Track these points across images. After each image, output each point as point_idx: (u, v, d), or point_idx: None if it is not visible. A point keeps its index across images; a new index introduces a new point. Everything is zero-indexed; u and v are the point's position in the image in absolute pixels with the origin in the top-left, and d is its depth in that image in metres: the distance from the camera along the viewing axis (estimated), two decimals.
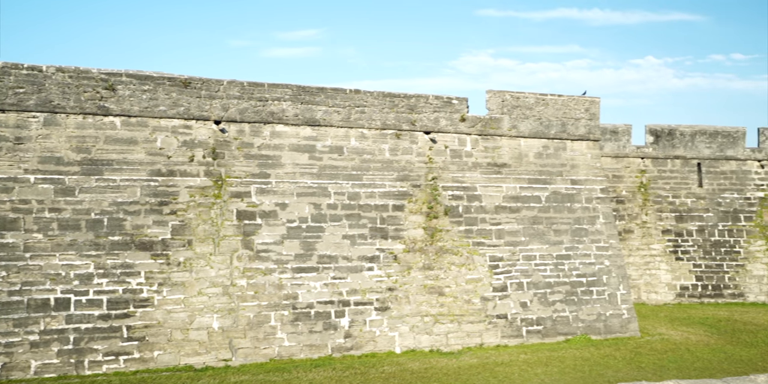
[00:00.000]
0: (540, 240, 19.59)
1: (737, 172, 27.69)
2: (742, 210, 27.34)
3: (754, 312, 24.14)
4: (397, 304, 17.55)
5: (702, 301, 26.28)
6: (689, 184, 27.44)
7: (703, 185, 27.46)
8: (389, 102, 18.65)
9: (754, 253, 26.91)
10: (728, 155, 27.66)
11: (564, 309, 19.20)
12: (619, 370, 15.45)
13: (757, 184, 27.65)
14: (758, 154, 27.85)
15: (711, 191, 27.43)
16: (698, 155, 27.60)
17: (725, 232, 27.07)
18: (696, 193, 27.38)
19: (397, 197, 18.39)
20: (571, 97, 20.79)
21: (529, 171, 20.04)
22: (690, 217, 27.12)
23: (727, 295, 26.46)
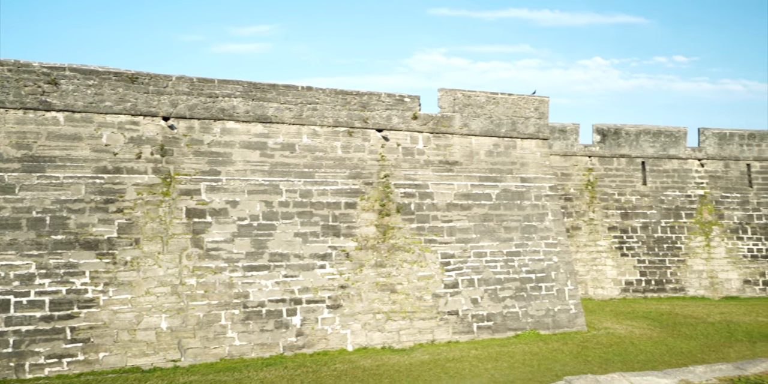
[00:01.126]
0: (490, 237, 19.86)
1: (679, 170, 28.62)
2: (684, 207, 28.27)
3: (694, 306, 25.00)
4: (350, 302, 17.54)
5: (646, 295, 27.08)
6: (634, 182, 28.23)
7: (647, 183, 28.29)
8: (342, 99, 18.61)
9: (695, 249, 27.88)
10: (671, 154, 28.57)
11: (514, 305, 19.51)
12: (567, 364, 15.79)
13: (697, 182, 28.63)
14: (698, 153, 28.84)
15: (654, 189, 28.28)
16: (642, 154, 28.41)
17: (668, 228, 27.95)
18: (640, 190, 28.18)
19: (350, 195, 18.37)
20: (521, 96, 21.13)
21: (480, 169, 20.28)
22: (635, 214, 27.91)
23: (669, 289, 27.34)
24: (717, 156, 28.90)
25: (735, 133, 29.21)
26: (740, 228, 28.45)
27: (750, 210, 28.71)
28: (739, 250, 28.18)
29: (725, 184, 28.82)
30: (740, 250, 28.18)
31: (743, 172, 29.09)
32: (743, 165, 29.14)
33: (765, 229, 28.57)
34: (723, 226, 28.35)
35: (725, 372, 11.08)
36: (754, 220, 28.62)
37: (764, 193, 28.99)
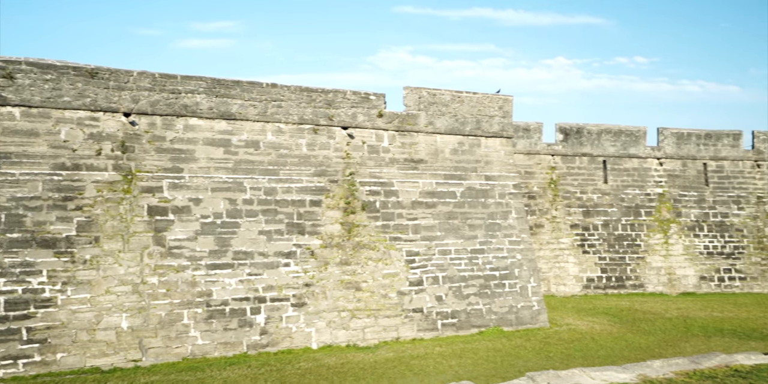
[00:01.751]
0: (455, 235, 19.99)
1: (639, 169, 29.20)
2: (643, 205, 28.87)
3: (653, 302, 25.57)
4: (314, 300, 17.48)
5: (606, 292, 27.59)
6: (595, 180, 28.72)
7: (608, 181, 28.81)
8: (307, 96, 18.51)
9: (653, 246, 28.49)
10: (631, 153, 29.14)
11: (478, 302, 19.68)
12: (529, 360, 16.00)
13: (656, 180, 29.25)
14: (657, 152, 29.47)
15: (615, 187, 28.81)
16: (604, 153, 28.91)
17: (628, 226, 28.50)
18: (601, 189, 28.68)
19: (315, 192, 18.30)
20: (486, 95, 21.30)
21: (444, 167, 20.39)
22: (596, 212, 28.39)
23: (628, 285, 27.89)
24: (675, 155, 29.58)
25: (692, 133, 29.92)
26: (697, 226, 29.18)
27: (706, 208, 29.47)
28: (695, 247, 28.90)
29: (683, 183, 29.51)
30: (697, 248, 28.91)
31: (700, 171, 29.82)
32: (700, 164, 29.88)
33: (720, 226, 29.35)
34: (681, 224, 29.03)
35: (681, 366, 11.37)
36: (710, 217, 29.38)
37: (720, 192, 29.77)
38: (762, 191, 30.22)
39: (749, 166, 30.32)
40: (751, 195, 30.05)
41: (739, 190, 29.98)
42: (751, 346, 17.16)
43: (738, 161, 30.23)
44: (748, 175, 30.24)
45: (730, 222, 29.52)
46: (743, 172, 30.22)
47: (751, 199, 30.02)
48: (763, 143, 30.59)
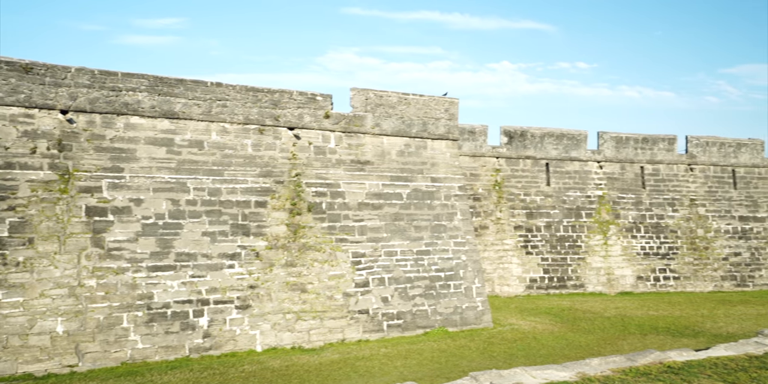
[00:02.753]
0: (401, 236, 20.09)
1: (580, 172, 29.98)
2: (584, 207, 29.64)
3: (593, 301, 26.27)
4: (259, 302, 17.28)
5: (548, 292, 28.20)
6: (539, 182, 29.33)
7: (550, 184, 29.46)
8: (252, 96, 18.30)
9: (594, 247, 29.29)
10: (572, 156, 29.88)
11: (423, 303, 19.83)
12: (473, 359, 16.20)
13: (596, 183, 30.09)
14: (598, 155, 30.31)
15: (557, 189, 29.49)
16: (546, 156, 29.56)
17: (569, 227, 29.21)
18: (544, 191, 29.31)
19: (260, 193, 18.10)
20: (432, 97, 21.49)
21: (391, 168, 20.47)
22: (539, 213, 28.99)
23: (570, 286, 28.58)
24: (614, 158, 30.48)
25: (630, 137, 30.90)
26: (634, 227, 30.14)
27: (643, 210, 30.47)
28: (633, 248, 29.84)
29: (621, 186, 30.44)
30: (634, 248, 29.86)
31: (637, 174, 30.82)
32: (637, 167, 30.88)
33: (656, 228, 30.40)
34: (619, 225, 29.93)
35: (618, 363, 11.72)
36: (647, 219, 30.40)
37: (656, 194, 30.84)
38: (695, 194, 31.44)
39: (683, 169, 31.52)
40: (684, 197, 31.23)
41: (673, 193, 31.12)
42: (684, 343, 17.81)
43: (673, 165, 31.37)
44: (682, 178, 31.43)
45: (665, 223, 30.60)
46: (677, 175, 31.38)
47: (684, 201, 31.20)
48: (695, 148, 31.84)
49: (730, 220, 31.67)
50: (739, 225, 31.75)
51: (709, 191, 31.71)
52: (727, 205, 31.83)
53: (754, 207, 32.23)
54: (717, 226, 31.37)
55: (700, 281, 30.33)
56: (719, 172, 32.09)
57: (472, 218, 24.29)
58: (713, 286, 30.46)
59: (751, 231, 31.82)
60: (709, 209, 31.48)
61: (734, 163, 32.33)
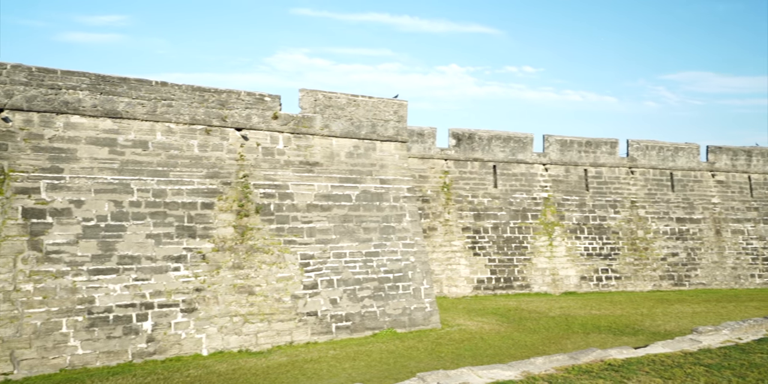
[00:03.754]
0: (350, 238, 20.07)
1: (526, 174, 30.55)
2: (530, 209, 30.21)
3: (538, 301, 26.79)
4: (205, 305, 17.00)
5: (495, 292, 28.62)
6: (486, 184, 29.75)
7: (497, 186, 29.92)
8: (199, 96, 18.01)
9: (539, 248, 29.88)
10: (519, 159, 30.43)
11: (372, 304, 19.85)
12: (421, 360, 16.30)
13: (542, 185, 30.71)
14: (543, 158, 30.95)
15: (504, 191, 29.97)
16: (494, 158, 30.02)
17: (516, 229, 29.72)
18: (492, 193, 29.75)
19: (207, 195, 17.81)
20: (381, 99, 21.56)
21: (340, 170, 20.45)
22: (486, 215, 29.40)
23: (516, 286, 29.07)
24: (559, 161, 31.17)
25: (574, 140, 31.66)
26: (578, 228, 30.88)
27: (586, 212, 31.25)
28: (576, 249, 30.57)
29: (566, 188, 31.15)
30: (578, 249, 30.60)
31: (581, 177, 31.60)
32: (581, 170, 31.67)
33: (598, 229, 31.22)
34: (564, 227, 30.62)
35: (561, 362, 11.99)
36: (590, 221, 31.20)
37: (598, 197, 31.68)
38: (635, 196, 32.44)
39: (624, 172, 32.47)
40: (625, 199, 32.19)
41: (615, 195, 32.03)
42: (624, 341, 18.34)
43: (614, 168, 32.30)
44: (623, 180, 32.38)
45: (607, 225, 31.46)
46: (619, 178, 32.32)
47: (625, 203, 32.15)
48: (636, 151, 32.86)
49: (668, 221, 32.78)
50: (677, 226, 32.90)
51: (649, 193, 32.76)
52: (666, 207, 32.96)
53: (690, 209, 33.45)
54: (656, 227, 32.43)
55: (640, 281, 31.29)
56: (658, 175, 33.19)
57: (420, 220, 24.47)
58: (652, 285, 31.47)
59: (687, 232, 33.02)
60: (649, 211, 32.52)
61: (672, 167, 33.49)
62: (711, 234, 33.50)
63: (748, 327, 15.66)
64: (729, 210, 34.26)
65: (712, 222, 33.73)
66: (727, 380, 11.04)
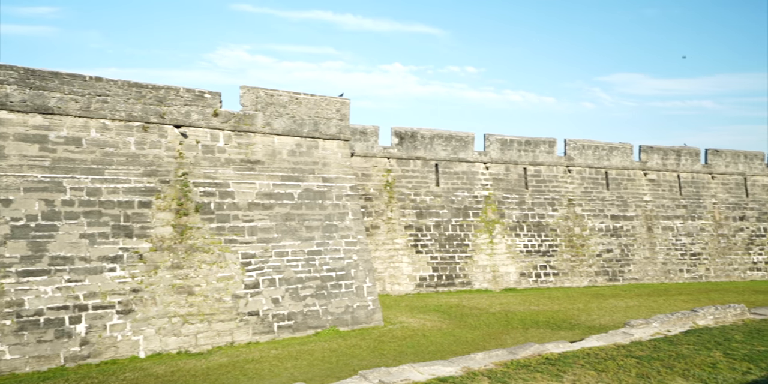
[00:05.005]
0: (292, 236, 19.94)
1: (467, 172, 30.98)
2: (471, 207, 30.66)
3: (479, 298, 27.23)
4: (143, 306, 16.58)
5: (437, 290, 28.93)
6: (428, 183, 30.03)
7: (439, 184, 30.24)
8: (136, 92, 17.54)
9: (480, 246, 30.36)
10: (460, 157, 30.83)
11: (314, 303, 19.78)
12: (364, 358, 16.35)
13: (483, 183, 31.21)
14: (484, 157, 31.45)
15: (446, 190, 30.32)
16: (436, 157, 30.33)
17: (457, 227, 30.11)
18: (434, 191, 30.05)
19: (144, 193, 17.37)
20: (324, 97, 21.49)
21: (282, 168, 20.28)
22: (429, 213, 29.68)
23: (458, 283, 29.47)
24: (499, 160, 31.74)
25: (514, 139, 32.30)
26: (518, 226, 31.54)
27: (526, 209, 31.94)
28: (516, 246, 31.22)
29: (506, 186, 31.75)
30: (517, 246, 31.24)
31: (521, 175, 32.27)
32: (521, 168, 32.33)
33: (537, 226, 31.96)
34: (504, 224, 31.20)
35: (500, 357, 12.24)
36: (529, 218, 31.90)
37: (537, 195, 32.42)
38: (572, 194, 33.35)
39: (562, 171, 33.34)
40: (563, 197, 33.05)
41: (553, 193, 32.85)
42: (561, 335, 18.84)
43: (553, 166, 33.11)
44: (561, 179, 33.25)
45: (545, 222, 32.24)
46: (557, 176, 33.16)
47: (563, 201, 33.01)
48: (573, 150, 33.78)
49: (603, 218, 33.84)
50: (611, 223, 34.00)
51: (585, 192, 33.73)
52: (601, 204, 34.01)
53: (624, 206, 34.61)
54: (592, 224, 33.42)
55: (576, 277, 32.19)
56: (594, 174, 34.21)
57: (363, 218, 24.51)
58: (588, 281, 32.42)
59: (621, 229, 34.16)
60: (585, 208, 33.49)
61: (607, 166, 34.57)
62: (643, 231, 34.76)
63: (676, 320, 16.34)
64: (660, 207, 35.63)
65: (644, 219, 35.00)
66: (656, 371, 11.50)
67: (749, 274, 37.23)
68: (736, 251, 37.25)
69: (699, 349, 13.39)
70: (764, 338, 14.63)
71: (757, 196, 38.82)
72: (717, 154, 38.11)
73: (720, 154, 38.17)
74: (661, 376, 11.16)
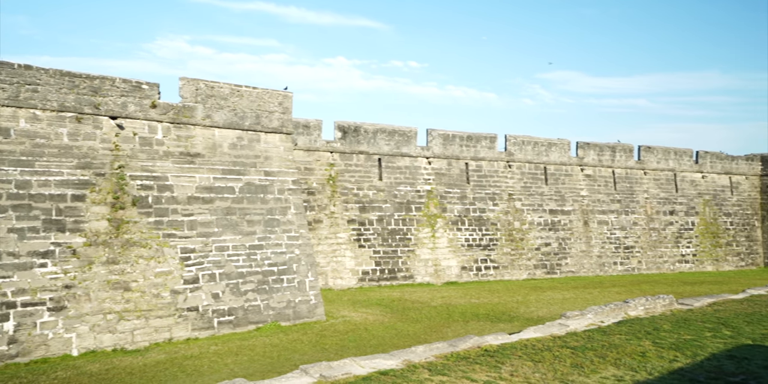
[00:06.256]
0: (233, 231, 19.66)
1: (410, 167, 31.18)
2: (414, 201, 30.89)
3: (421, 291, 27.49)
4: (76, 303, 16.06)
5: (380, 284, 29.07)
6: (371, 177, 30.08)
7: (382, 179, 30.34)
8: (69, 82, 16.92)
9: (422, 240, 30.64)
10: (403, 152, 31.00)
11: (256, 298, 19.57)
12: (305, 353, 16.28)
13: (425, 178, 31.48)
14: (426, 151, 31.72)
15: (389, 184, 30.45)
16: (379, 151, 30.40)
17: (400, 221, 30.30)
18: (377, 185, 30.13)
19: (78, 186, 16.80)
20: (266, 90, 21.22)
21: (223, 162, 19.95)
22: (371, 207, 29.75)
23: (400, 277, 29.68)
24: (442, 155, 32.07)
25: (456, 134, 32.68)
26: (459, 220, 31.96)
27: (467, 204, 32.40)
28: (458, 240, 31.64)
29: (448, 181, 32.11)
30: (459, 240, 31.68)
31: (462, 170, 32.69)
32: (462, 163, 32.75)
33: (478, 221, 32.47)
34: (446, 219, 31.57)
35: (441, 350, 12.39)
36: (470, 213, 32.38)
37: (478, 189, 32.92)
38: (512, 189, 34.01)
39: (502, 166, 33.94)
40: (503, 192, 33.67)
41: (494, 188, 33.42)
42: (500, 327, 19.22)
43: (494, 161, 33.67)
44: (502, 174, 33.85)
45: (486, 217, 32.78)
46: (498, 171, 33.74)
47: (503, 195, 33.63)
48: (513, 146, 34.42)
49: (541, 213, 34.65)
50: (549, 218, 34.85)
51: (525, 186, 34.45)
52: (540, 199, 34.80)
53: (561, 201, 35.52)
54: (531, 218, 34.18)
55: (516, 270, 32.88)
56: (533, 169, 34.96)
57: (306, 212, 24.38)
58: (527, 274, 33.18)
59: (559, 223, 35.06)
60: (525, 203, 34.21)
61: (546, 161, 35.39)
62: (580, 225, 35.77)
63: (610, 311, 16.90)
64: (596, 202, 36.72)
65: (581, 213, 36.03)
66: (589, 360, 11.87)
67: (678, 266, 38.83)
68: (666, 244, 38.78)
69: (630, 338, 13.87)
70: (690, 327, 15.29)
71: (686, 191, 40.48)
72: (649, 150, 39.51)
73: (652, 151, 39.59)
74: (594, 366, 11.52)
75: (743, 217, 42.49)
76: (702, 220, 40.55)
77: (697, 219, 40.37)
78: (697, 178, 41.14)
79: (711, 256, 40.32)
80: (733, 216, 42.08)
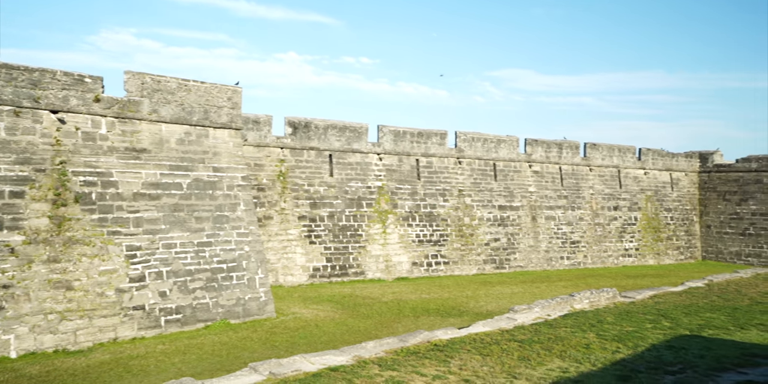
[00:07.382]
0: (181, 228, 19.30)
1: (361, 163, 31.18)
2: (365, 197, 30.91)
3: (372, 287, 27.56)
4: (14, 303, 15.52)
5: (331, 280, 29.01)
6: (322, 173, 29.96)
7: (333, 175, 30.25)
8: (6, 74, 16.30)
9: (373, 236, 30.70)
10: (354, 148, 30.98)
11: (204, 296, 19.28)
12: (255, 350, 16.15)
13: (376, 174, 31.53)
14: (377, 148, 31.76)
15: (340, 180, 30.39)
16: (330, 147, 30.30)
17: (351, 217, 30.28)
18: (328, 182, 30.03)
19: (16, 183, 16.22)
20: (214, 84, 20.88)
21: (170, 157, 19.55)
22: (322, 204, 29.64)
23: (351, 273, 29.67)
24: (393, 151, 32.17)
25: (407, 131, 32.82)
26: (410, 216, 32.14)
27: (418, 200, 32.61)
28: (408, 236, 31.82)
29: (399, 177, 32.24)
30: (410, 236, 31.86)
31: (413, 166, 32.87)
32: (413, 160, 32.93)
33: (429, 217, 32.72)
34: (397, 215, 31.70)
35: (391, 345, 12.46)
36: (421, 209, 32.60)
37: (429, 186, 33.16)
38: (462, 185, 34.38)
39: (452, 162, 34.27)
40: (454, 188, 34.00)
41: (444, 184, 33.72)
42: (450, 322, 19.44)
43: (444, 158, 33.96)
44: (452, 170, 34.18)
45: (437, 213, 33.06)
46: (448, 167, 34.05)
47: (454, 192, 33.97)
48: (463, 142, 34.78)
49: (491, 209, 35.14)
50: (499, 213, 35.38)
51: (474, 183, 34.87)
52: (489, 195, 35.29)
53: (510, 197, 36.10)
54: (480, 214, 34.63)
55: (466, 265, 33.28)
56: (483, 166, 35.41)
57: (255, 209, 24.11)
58: (477, 269, 33.62)
59: (508, 219, 35.63)
60: (474, 199, 34.63)
61: (495, 158, 35.88)
62: (528, 220, 36.43)
63: (556, 304, 17.28)
64: (543, 198, 37.45)
65: (529, 209, 36.69)
66: (536, 353, 12.13)
67: (621, 260, 39.96)
68: (611, 239, 39.86)
69: (575, 331, 14.23)
70: (632, 319, 15.77)
71: (629, 187, 41.67)
72: (594, 147, 40.50)
73: (597, 148, 40.59)
74: (541, 358, 11.77)
75: (683, 212, 44.01)
76: (644, 216, 41.82)
77: (640, 214, 41.61)
78: (640, 174, 42.39)
79: (653, 250, 41.63)
80: (674, 211, 43.53)
